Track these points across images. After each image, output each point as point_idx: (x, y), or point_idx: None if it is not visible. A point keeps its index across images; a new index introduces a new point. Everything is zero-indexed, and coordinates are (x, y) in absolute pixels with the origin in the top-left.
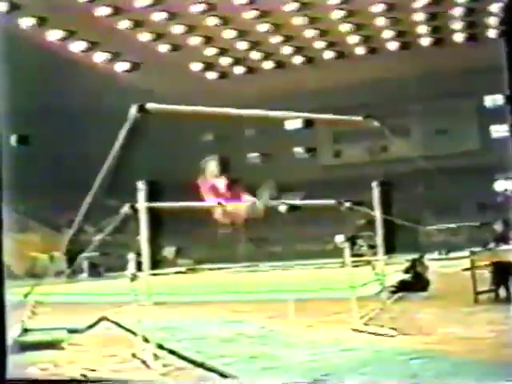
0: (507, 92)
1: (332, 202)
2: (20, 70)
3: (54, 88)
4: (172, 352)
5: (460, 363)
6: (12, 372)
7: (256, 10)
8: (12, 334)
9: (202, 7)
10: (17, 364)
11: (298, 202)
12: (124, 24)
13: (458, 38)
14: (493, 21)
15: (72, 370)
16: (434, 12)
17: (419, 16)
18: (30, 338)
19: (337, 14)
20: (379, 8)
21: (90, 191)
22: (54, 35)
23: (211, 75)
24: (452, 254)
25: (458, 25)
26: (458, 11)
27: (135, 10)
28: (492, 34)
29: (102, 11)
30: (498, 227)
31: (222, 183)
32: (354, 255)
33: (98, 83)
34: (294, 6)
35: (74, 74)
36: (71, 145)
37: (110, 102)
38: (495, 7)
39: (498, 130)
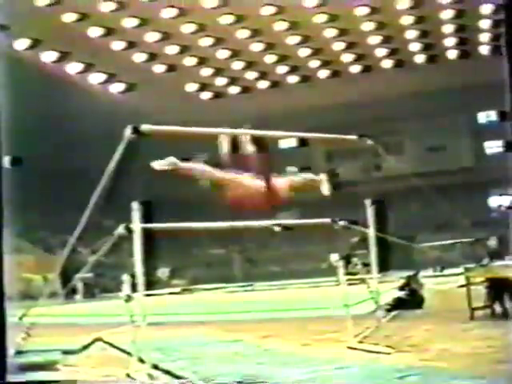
0: (508, 107)
1: (326, 220)
2: (14, 91)
3: (49, 108)
4: (167, 372)
5: (456, 379)
6: None
7: (249, 29)
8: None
9: (195, 27)
10: None
11: (292, 221)
12: (118, 45)
13: (452, 54)
14: (485, 37)
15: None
16: (427, 29)
17: (412, 34)
18: (24, 359)
19: (329, 33)
20: (371, 26)
21: (84, 212)
22: (48, 57)
23: (206, 95)
24: (447, 271)
25: (450, 42)
26: (449, 28)
27: (129, 31)
28: (484, 50)
29: (96, 32)
30: (493, 243)
31: None
32: (348, 273)
33: (92, 104)
34: (287, 24)
35: (68, 95)
36: (65, 166)
37: (105, 122)
38: (486, 23)
39: (492, 147)
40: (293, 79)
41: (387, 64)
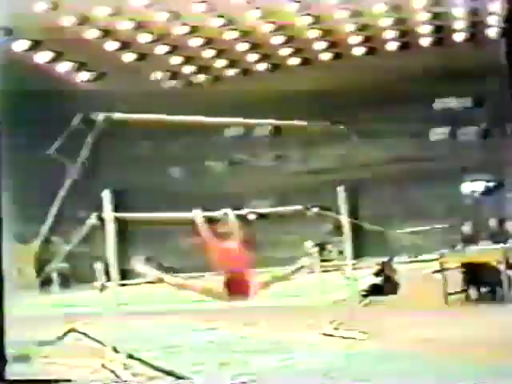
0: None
1: (299, 207)
2: None
3: (21, 97)
4: (142, 361)
5: (431, 364)
6: None
7: (221, 17)
8: None
9: (166, 16)
10: None
11: (265, 209)
12: (88, 33)
13: (425, 41)
14: (459, 25)
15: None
16: (399, 17)
17: (384, 21)
18: None
19: (301, 21)
20: (343, 14)
21: (55, 202)
22: (18, 46)
23: (177, 84)
24: (422, 257)
25: (423, 29)
26: (423, 16)
27: (99, 19)
28: (458, 37)
29: (66, 20)
30: (467, 229)
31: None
32: (323, 261)
33: (62, 93)
34: (259, 13)
35: (37, 84)
36: (37, 154)
37: (76, 111)
38: (460, 11)
39: (465, 133)
40: (263, 67)
41: (360, 51)
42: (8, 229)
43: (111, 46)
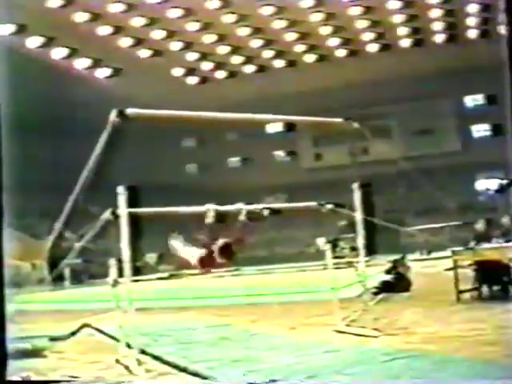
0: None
1: (313, 204)
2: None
3: (35, 94)
4: (155, 357)
5: (443, 362)
6: None
7: (235, 13)
8: None
9: (181, 12)
10: None
11: (279, 205)
12: (104, 30)
13: (438, 38)
14: (472, 21)
15: (55, 378)
16: (412, 14)
17: (398, 18)
18: (12, 347)
19: (316, 17)
20: (358, 10)
21: (70, 197)
22: (33, 42)
23: (192, 80)
24: (434, 254)
25: (436, 26)
26: (437, 12)
27: (115, 16)
28: (471, 34)
29: (82, 17)
30: (480, 226)
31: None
32: (336, 257)
33: (78, 89)
34: (273, 9)
35: (54, 81)
36: (52, 150)
37: (91, 107)
38: (473, 8)
39: (479, 130)
40: (279, 63)
41: (374, 48)
42: (21, 225)
43: (125, 42)
